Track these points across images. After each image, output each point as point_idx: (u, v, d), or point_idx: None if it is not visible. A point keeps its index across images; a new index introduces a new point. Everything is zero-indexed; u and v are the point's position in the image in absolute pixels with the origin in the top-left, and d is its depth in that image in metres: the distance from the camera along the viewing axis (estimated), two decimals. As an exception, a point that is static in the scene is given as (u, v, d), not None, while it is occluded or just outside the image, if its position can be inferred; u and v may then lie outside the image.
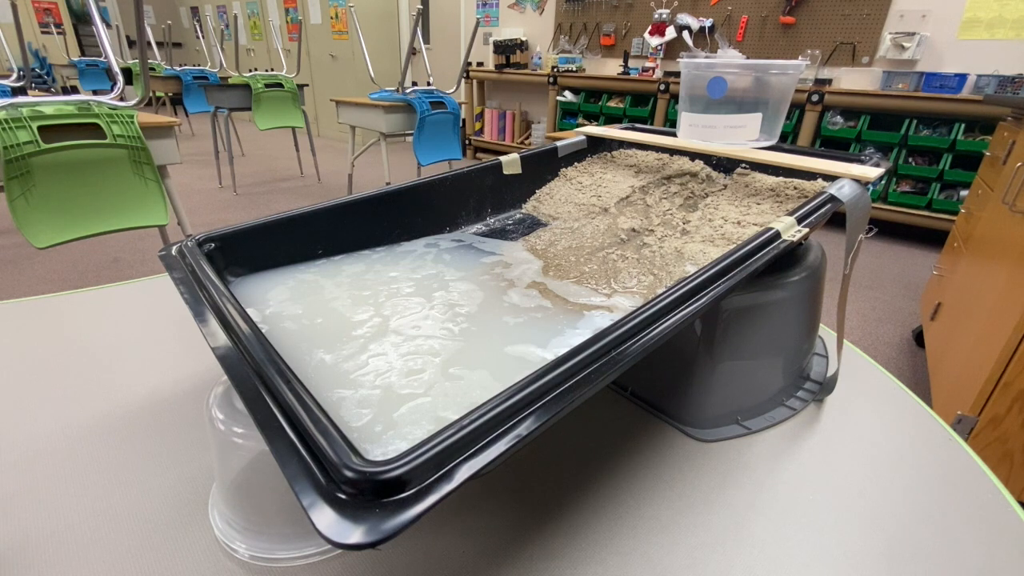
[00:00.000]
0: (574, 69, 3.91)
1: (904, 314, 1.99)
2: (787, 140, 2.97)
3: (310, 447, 0.20)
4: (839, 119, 2.94)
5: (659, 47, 3.55)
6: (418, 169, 2.64)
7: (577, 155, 0.64)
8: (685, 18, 3.42)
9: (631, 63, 3.73)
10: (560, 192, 0.59)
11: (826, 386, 0.47)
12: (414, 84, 2.72)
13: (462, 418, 0.20)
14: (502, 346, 0.33)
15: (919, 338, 1.76)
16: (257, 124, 3.20)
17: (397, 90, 2.54)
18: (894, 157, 2.81)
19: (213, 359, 0.26)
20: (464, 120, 4.31)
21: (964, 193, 2.61)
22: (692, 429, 0.42)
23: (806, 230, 0.36)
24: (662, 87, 3.38)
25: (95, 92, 1.36)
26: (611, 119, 3.75)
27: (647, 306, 0.27)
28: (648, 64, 3.62)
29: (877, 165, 0.47)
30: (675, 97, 3.35)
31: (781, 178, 0.51)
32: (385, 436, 0.24)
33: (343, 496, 0.18)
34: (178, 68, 4.39)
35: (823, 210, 0.39)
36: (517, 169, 0.57)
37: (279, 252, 0.42)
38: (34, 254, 2.28)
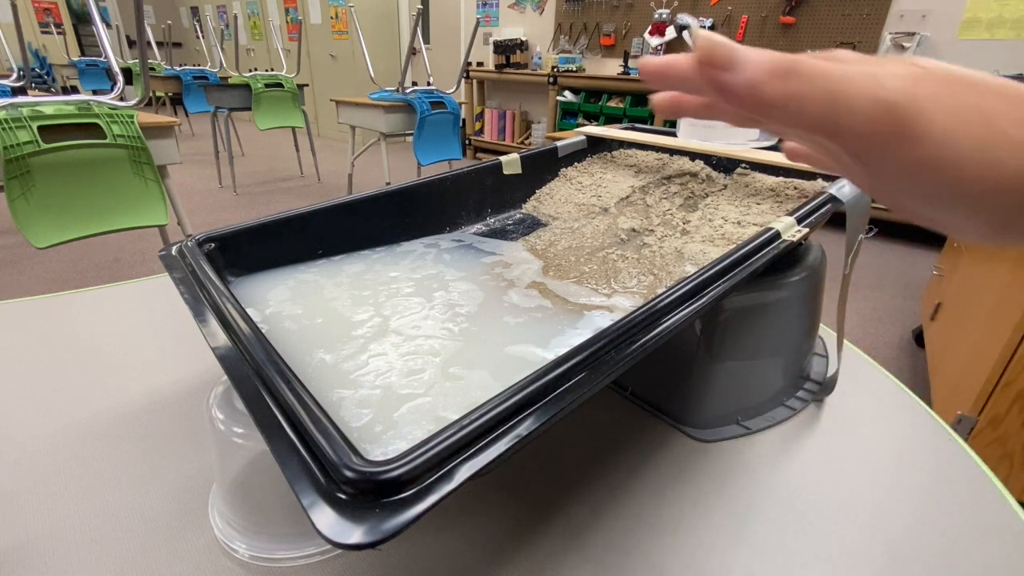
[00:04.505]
0: (574, 69, 3.91)
1: (904, 314, 1.99)
2: (787, 140, 2.96)
3: (310, 447, 0.20)
4: (839, 119, 2.94)
5: (659, 47, 3.55)
6: (418, 169, 2.64)
7: (577, 155, 0.64)
8: (685, 18, 3.42)
9: (631, 63, 3.73)
10: (560, 192, 0.59)
11: (826, 386, 0.47)
12: (414, 84, 2.71)
13: (462, 418, 0.20)
14: (502, 346, 0.33)
15: (919, 338, 1.76)
16: (257, 124, 3.20)
17: (397, 90, 2.53)
18: (894, 157, 2.80)
19: (213, 359, 0.26)
20: (464, 120, 4.30)
21: (964, 193, 2.61)
22: (692, 429, 0.42)
23: (806, 230, 0.36)
24: (662, 87, 3.38)
25: (95, 92, 1.36)
26: (611, 119, 3.75)
27: (647, 306, 0.27)
28: (648, 64, 3.62)
29: (877, 165, 0.47)
30: (675, 97, 3.34)
31: (781, 178, 0.51)
32: (385, 436, 0.24)
33: (343, 496, 0.18)
34: (178, 68, 4.39)
35: (823, 210, 0.39)
36: (517, 169, 0.57)
37: (279, 252, 0.42)
38: (34, 254, 2.28)
